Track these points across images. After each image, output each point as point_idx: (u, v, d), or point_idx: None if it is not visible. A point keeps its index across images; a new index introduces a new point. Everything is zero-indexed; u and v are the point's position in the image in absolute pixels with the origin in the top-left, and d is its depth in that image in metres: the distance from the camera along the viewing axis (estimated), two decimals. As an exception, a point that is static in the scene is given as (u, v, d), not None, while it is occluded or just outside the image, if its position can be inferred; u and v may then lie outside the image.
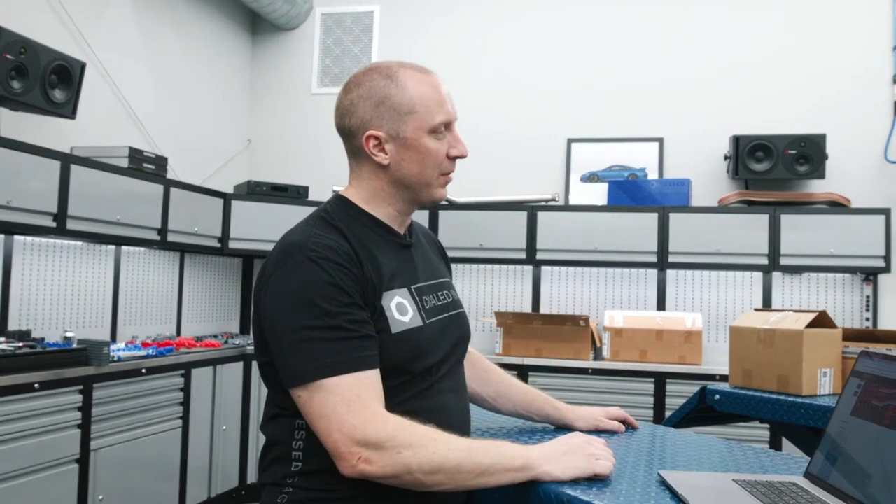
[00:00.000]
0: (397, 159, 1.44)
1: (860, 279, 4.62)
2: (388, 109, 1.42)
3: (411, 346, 1.39)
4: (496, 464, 1.28)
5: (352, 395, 1.26)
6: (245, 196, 4.99)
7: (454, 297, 1.60)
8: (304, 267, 1.32)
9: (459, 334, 1.55)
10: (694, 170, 4.95)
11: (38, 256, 3.84)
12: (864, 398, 1.29)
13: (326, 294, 1.30)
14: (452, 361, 1.52)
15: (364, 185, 1.48)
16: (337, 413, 1.25)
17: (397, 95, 1.42)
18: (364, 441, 1.24)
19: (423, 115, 1.42)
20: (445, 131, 1.46)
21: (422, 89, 1.44)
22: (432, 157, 1.44)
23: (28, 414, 3.04)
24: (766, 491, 1.24)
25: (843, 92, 4.77)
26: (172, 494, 4.02)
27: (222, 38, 5.49)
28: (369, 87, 1.44)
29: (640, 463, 1.46)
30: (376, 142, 1.43)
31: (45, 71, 3.43)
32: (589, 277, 5.03)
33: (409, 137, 1.42)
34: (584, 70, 5.21)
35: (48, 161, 3.47)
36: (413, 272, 1.49)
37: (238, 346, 4.62)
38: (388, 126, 1.42)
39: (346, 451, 1.24)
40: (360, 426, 1.24)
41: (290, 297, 1.31)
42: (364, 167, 1.48)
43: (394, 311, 1.39)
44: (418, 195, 1.48)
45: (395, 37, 5.55)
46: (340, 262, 1.33)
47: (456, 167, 1.50)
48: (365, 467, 1.24)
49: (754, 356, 2.56)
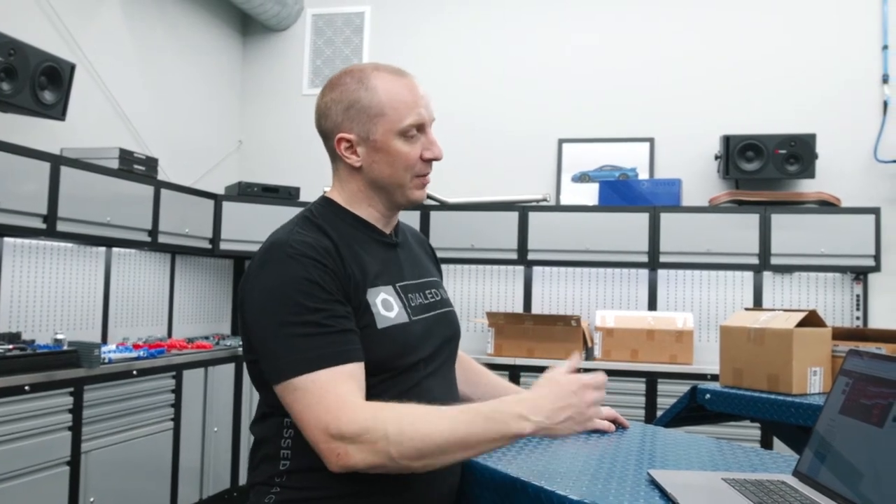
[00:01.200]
0: (368, 161, 1.45)
1: (850, 278, 4.64)
2: (357, 112, 1.43)
3: (397, 341, 1.39)
4: (484, 434, 1.26)
5: (325, 391, 1.25)
6: (236, 197, 4.98)
7: (443, 295, 1.60)
8: (284, 264, 1.32)
9: (448, 332, 1.55)
10: (684, 170, 4.97)
11: (28, 258, 3.82)
12: (853, 396, 1.30)
13: (304, 290, 1.30)
14: (441, 359, 1.52)
15: (344, 186, 1.50)
16: (312, 409, 1.25)
17: (366, 98, 1.43)
18: (339, 436, 1.22)
19: (392, 118, 1.42)
20: (418, 133, 1.45)
21: (393, 92, 1.43)
22: (403, 160, 1.44)
23: (18, 416, 3.03)
24: (755, 489, 1.25)
25: (833, 92, 4.79)
26: (164, 496, 4.01)
27: (213, 39, 5.48)
28: (341, 91, 1.45)
29: (630, 462, 1.46)
30: (348, 144, 1.44)
31: (35, 72, 3.42)
32: (580, 277, 5.04)
33: (378, 140, 1.43)
34: (575, 70, 5.22)
35: (38, 163, 3.46)
36: (399, 270, 1.49)
37: (229, 347, 4.61)
38: (357, 129, 1.43)
39: (325, 447, 1.24)
40: (333, 421, 1.23)
41: (268, 294, 1.32)
42: (341, 169, 1.49)
43: (379, 306, 1.39)
44: (394, 197, 1.48)
45: (386, 38, 5.55)
46: (319, 259, 1.33)
47: (433, 169, 1.50)
48: (346, 461, 1.23)
49: (745, 355, 2.57)
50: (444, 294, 1.62)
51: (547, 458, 1.49)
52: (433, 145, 1.48)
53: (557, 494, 1.24)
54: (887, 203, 4.59)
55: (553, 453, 1.54)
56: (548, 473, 1.36)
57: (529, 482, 1.31)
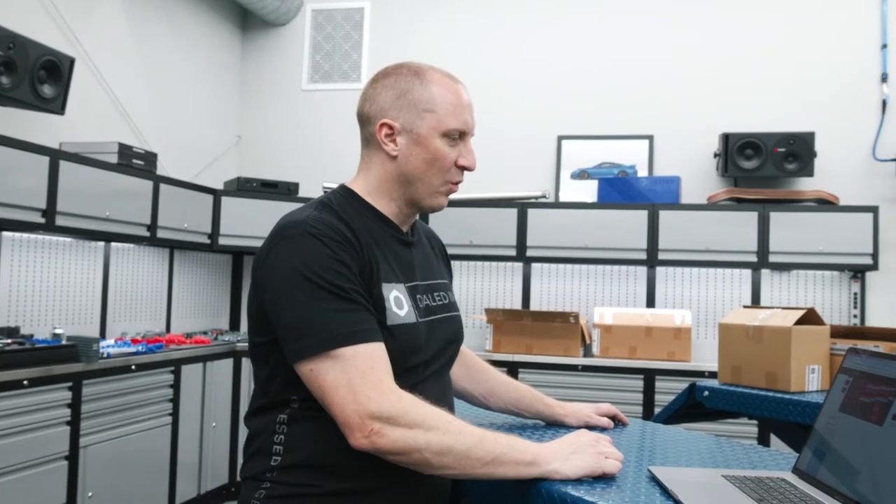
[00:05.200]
0: (406, 153, 1.44)
1: (848, 276, 4.65)
2: (407, 102, 1.43)
3: (403, 340, 1.38)
4: (506, 454, 1.26)
5: (367, 366, 1.25)
6: (235, 192, 4.98)
7: (451, 299, 1.59)
8: (305, 241, 1.31)
9: (452, 337, 1.55)
10: (683, 167, 4.97)
11: (27, 253, 3.82)
12: (852, 394, 1.30)
13: (330, 267, 1.29)
14: (440, 363, 1.51)
15: (371, 175, 1.48)
16: (353, 384, 1.24)
17: (419, 91, 1.43)
18: (378, 414, 1.22)
19: (440, 116, 1.43)
20: (459, 140, 1.46)
21: (446, 93, 1.44)
22: (441, 160, 1.44)
23: (17, 411, 3.03)
24: (754, 486, 1.25)
25: (832, 90, 4.79)
26: (162, 491, 4.01)
27: (212, 34, 5.47)
28: (395, 79, 1.45)
29: (630, 459, 1.47)
30: (389, 131, 1.44)
31: (34, 66, 3.42)
32: (579, 274, 5.04)
33: (421, 134, 1.43)
34: (575, 68, 5.22)
35: (37, 157, 3.46)
36: (411, 270, 1.48)
37: (228, 342, 4.61)
38: (403, 118, 1.43)
39: (359, 422, 1.22)
40: (376, 398, 1.23)
41: (293, 269, 1.30)
42: (374, 156, 1.48)
43: (392, 302, 1.38)
44: (419, 196, 1.47)
45: (385, 33, 5.54)
46: (339, 240, 1.33)
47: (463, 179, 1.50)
48: (377, 440, 1.22)
49: (743, 353, 2.58)
50: (452, 297, 1.61)
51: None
52: (470, 154, 1.48)
53: (558, 491, 1.24)
54: (885, 201, 4.60)
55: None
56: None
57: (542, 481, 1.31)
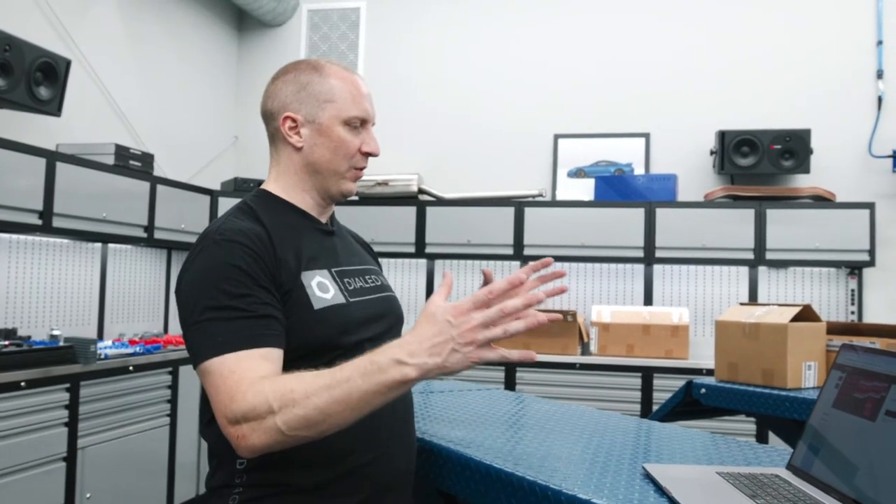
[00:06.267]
0: (311, 144, 1.49)
1: (845, 273, 4.65)
2: (308, 95, 1.48)
3: (336, 321, 1.40)
4: (364, 389, 1.16)
5: (227, 373, 1.23)
6: (232, 193, 4.98)
7: (383, 281, 1.63)
8: (210, 251, 1.33)
9: (392, 315, 1.57)
10: (680, 165, 4.98)
11: (24, 254, 3.82)
12: (846, 390, 1.31)
13: (226, 275, 1.30)
14: (385, 341, 1.50)
15: (281, 171, 1.52)
16: (217, 394, 1.23)
17: (319, 84, 1.48)
18: (234, 418, 1.20)
19: (340, 106, 1.48)
20: (360, 128, 1.51)
21: (343, 84, 1.49)
22: (344, 147, 1.49)
23: (14, 412, 3.03)
24: (749, 483, 1.26)
25: (828, 87, 4.80)
26: (160, 492, 4.02)
27: (209, 34, 5.47)
28: (295, 74, 1.51)
29: (625, 456, 1.47)
30: (292, 124, 1.48)
31: (31, 68, 3.41)
32: (576, 272, 5.05)
33: (324, 124, 1.48)
34: (571, 66, 5.22)
35: (33, 158, 3.46)
36: (334, 256, 1.52)
37: (226, 343, 4.60)
38: (305, 110, 1.48)
39: (227, 432, 1.21)
40: (228, 403, 1.21)
41: (193, 281, 1.33)
42: (281, 151, 1.52)
43: (314, 288, 1.40)
44: (328, 184, 1.51)
45: (381, 33, 5.54)
46: (247, 244, 1.34)
47: (368, 164, 1.54)
48: (244, 443, 1.19)
49: (740, 350, 2.59)
50: (385, 280, 1.64)
51: (542, 452, 1.50)
52: (373, 141, 1.53)
53: (552, 489, 1.24)
54: (882, 198, 4.61)
55: (549, 447, 1.55)
56: (543, 468, 1.37)
57: (525, 476, 1.31)
